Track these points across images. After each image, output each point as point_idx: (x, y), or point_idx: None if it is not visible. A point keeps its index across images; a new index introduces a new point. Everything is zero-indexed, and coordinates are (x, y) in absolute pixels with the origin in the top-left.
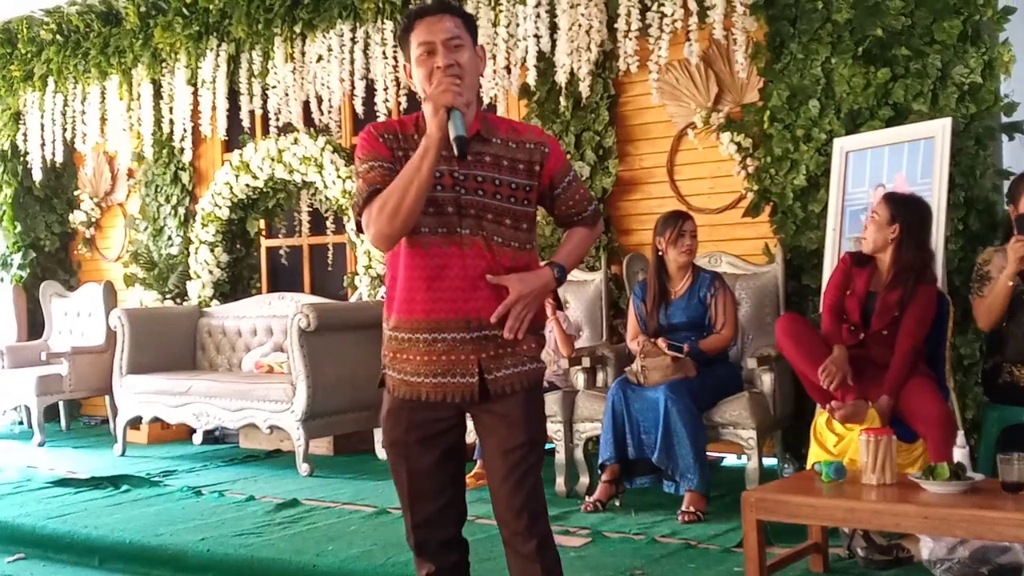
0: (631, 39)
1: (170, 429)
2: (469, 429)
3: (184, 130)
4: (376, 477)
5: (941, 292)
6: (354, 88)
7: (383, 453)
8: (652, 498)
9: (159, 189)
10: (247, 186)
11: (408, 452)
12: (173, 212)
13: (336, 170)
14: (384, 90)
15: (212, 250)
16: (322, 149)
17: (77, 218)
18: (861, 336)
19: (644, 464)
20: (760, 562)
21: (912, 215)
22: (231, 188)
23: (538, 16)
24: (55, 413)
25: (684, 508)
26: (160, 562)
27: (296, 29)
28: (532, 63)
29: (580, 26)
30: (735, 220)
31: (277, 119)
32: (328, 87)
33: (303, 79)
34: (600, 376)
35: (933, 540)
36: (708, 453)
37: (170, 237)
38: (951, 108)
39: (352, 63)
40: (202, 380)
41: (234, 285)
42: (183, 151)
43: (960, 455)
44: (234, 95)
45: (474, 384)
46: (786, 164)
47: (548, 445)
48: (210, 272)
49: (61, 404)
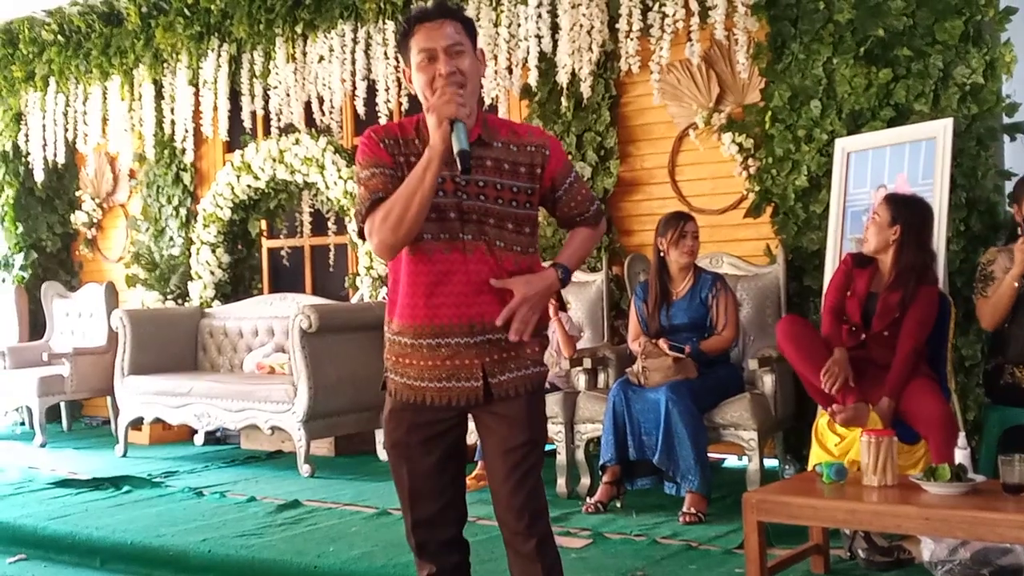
0: (632, 39)
1: (171, 430)
2: (470, 430)
3: (185, 131)
4: (377, 478)
5: (942, 293)
6: (355, 88)
7: (384, 454)
8: (653, 499)
9: (160, 190)
10: (248, 187)
11: (409, 453)
12: (174, 213)
13: (337, 171)
14: (385, 90)
15: (213, 251)
16: (323, 150)
17: (78, 219)
18: (862, 337)
19: (645, 465)
20: (761, 563)
21: (913, 216)
22: (232, 189)
23: (539, 16)
24: (56, 414)
25: (685, 509)
26: (161, 563)
27: (297, 29)
28: (533, 63)
29: (581, 26)
30: (736, 221)
31: (278, 120)
32: (329, 87)
33: (304, 79)
34: (601, 377)
35: (934, 541)
36: (709, 454)
37: (171, 238)
38: (952, 109)
39: (353, 63)
40: (203, 381)
41: (235, 286)
42: (184, 152)
43: (961, 456)
44: (235, 96)
45: (479, 388)
46: (787, 165)
47: (549, 446)
48: (211, 273)
49: (62, 405)
